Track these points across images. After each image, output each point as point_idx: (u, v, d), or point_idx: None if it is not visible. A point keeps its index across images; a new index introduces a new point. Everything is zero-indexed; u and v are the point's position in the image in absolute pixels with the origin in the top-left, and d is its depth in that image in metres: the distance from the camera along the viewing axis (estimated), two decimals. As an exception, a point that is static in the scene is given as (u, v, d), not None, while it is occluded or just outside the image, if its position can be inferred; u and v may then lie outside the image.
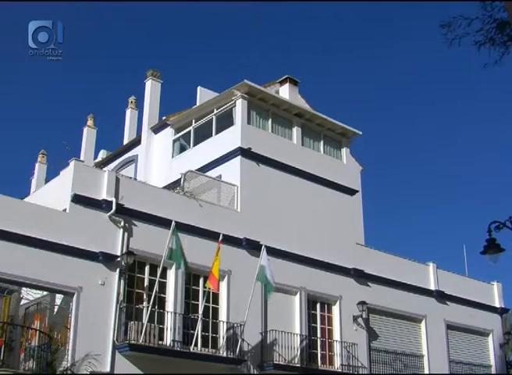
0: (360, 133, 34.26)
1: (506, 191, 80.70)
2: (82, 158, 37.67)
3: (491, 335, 38.21)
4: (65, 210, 23.95)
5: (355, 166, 35.01)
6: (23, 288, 23.90)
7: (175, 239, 24.10)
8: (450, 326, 35.84)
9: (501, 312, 39.39)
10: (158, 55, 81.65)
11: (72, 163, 24.95)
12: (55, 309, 24.05)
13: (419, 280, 34.70)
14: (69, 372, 21.55)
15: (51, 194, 25.72)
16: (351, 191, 33.28)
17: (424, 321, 34.43)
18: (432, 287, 35.30)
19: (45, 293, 23.93)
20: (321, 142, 33.12)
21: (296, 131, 32.07)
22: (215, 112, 31.52)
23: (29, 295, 24.23)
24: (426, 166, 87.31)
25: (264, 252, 26.25)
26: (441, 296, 35.48)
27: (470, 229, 78.69)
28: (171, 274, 25.26)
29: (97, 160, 40.56)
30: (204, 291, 26.09)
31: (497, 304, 39.11)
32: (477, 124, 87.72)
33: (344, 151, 33.92)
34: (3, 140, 74.43)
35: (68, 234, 23.11)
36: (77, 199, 23.93)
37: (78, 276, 22.91)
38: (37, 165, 43.14)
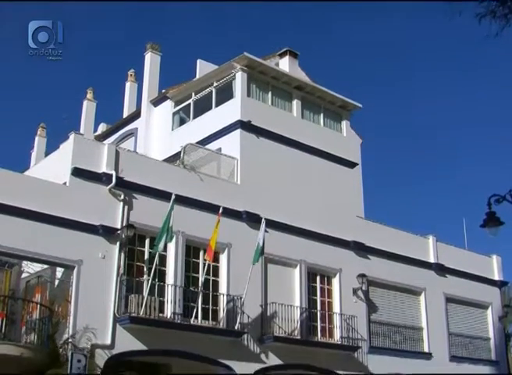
0: (361, 105, 34.20)
1: (506, 165, 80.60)
2: (82, 131, 37.68)
3: (490, 308, 38.36)
4: (65, 183, 23.93)
5: (355, 138, 34.91)
6: (24, 262, 23.91)
7: (168, 214, 23.87)
8: (450, 299, 35.94)
9: (500, 285, 39.52)
10: (158, 27, 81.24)
11: (71, 136, 24.90)
12: (56, 283, 24.09)
13: (419, 253, 34.77)
14: (69, 344, 21.62)
15: (51, 167, 25.66)
16: (351, 164, 33.25)
17: (423, 294, 34.53)
18: (432, 260, 35.38)
19: (46, 266, 23.94)
20: (321, 115, 33.06)
21: (296, 104, 31.99)
22: (215, 84, 31.43)
23: (29, 269, 24.26)
24: (426, 139, 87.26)
25: (263, 225, 26.27)
26: (440, 269, 35.56)
27: (470, 202, 78.70)
28: (171, 247, 25.26)
29: (96, 133, 40.50)
30: (204, 264, 26.15)
31: (496, 277, 39.23)
32: (477, 97, 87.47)
33: (344, 123, 33.86)
34: (2, 113, 74.28)
35: (68, 208, 23.09)
36: (77, 172, 23.90)
37: (78, 250, 22.92)
38: (36, 138, 43.10)
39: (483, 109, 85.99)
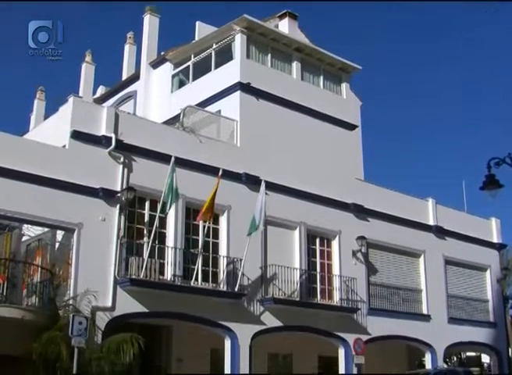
0: (360, 68, 34.05)
1: (506, 127, 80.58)
2: (81, 94, 37.59)
3: (488, 270, 38.56)
4: (64, 146, 23.86)
5: (355, 100, 34.75)
6: (24, 225, 23.98)
7: (171, 176, 23.85)
8: (449, 261, 36.08)
9: (499, 247, 39.70)
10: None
11: (70, 99, 24.83)
12: (56, 245, 24.16)
13: (418, 216, 34.83)
14: (70, 307, 21.73)
15: (51, 130, 25.60)
16: (351, 126, 33.15)
17: (422, 256, 34.67)
18: (431, 223, 35.46)
19: (46, 229, 24.01)
20: (321, 77, 32.91)
21: (295, 66, 31.83)
22: (214, 46, 31.24)
23: (30, 232, 24.34)
24: (426, 102, 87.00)
25: (263, 187, 26.28)
26: (440, 231, 35.66)
27: (469, 165, 78.85)
28: (171, 210, 25.26)
29: (95, 96, 40.35)
30: (203, 226, 26.20)
31: (495, 239, 39.40)
32: (478, 59, 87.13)
33: (344, 86, 33.72)
34: (1, 77, 73.98)
35: (68, 171, 23.05)
36: (76, 135, 23.82)
37: (78, 213, 22.94)
38: (35, 101, 42.96)
39: (484, 71, 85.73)
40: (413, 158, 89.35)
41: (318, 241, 30.33)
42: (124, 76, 38.94)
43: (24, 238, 24.92)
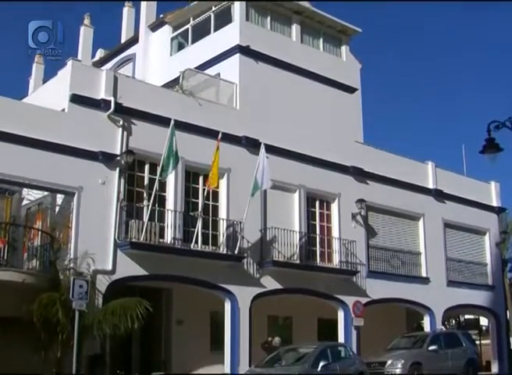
0: (360, 30, 33.83)
1: (506, 91, 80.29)
2: (79, 57, 37.25)
3: (487, 234, 38.67)
4: (63, 110, 23.82)
5: (355, 63, 34.53)
6: (24, 189, 23.98)
7: (170, 139, 23.81)
8: (448, 225, 36.15)
9: (498, 211, 39.75)
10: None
11: (69, 63, 24.66)
12: (56, 209, 24.20)
13: (418, 179, 34.83)
14: (71, 270, 21.82)
15: (50, 94, 25.56)
16: (351, 89, 33.00)
17: (422, 219, 34.74)
18: (431, 186, 35.47)
19: (46, 193, 24.05)
20: (321, 40, 32.73)
21: (295, 29, 31.63)
22: (213, 9, 31.03)
23: (30, 196, 24.35)
24: (426, 64, 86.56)
25: (262, 150, 26.25)
26: (439, 195, 35.68)
27: (469, 128, 78.74)
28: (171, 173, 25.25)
29: (94, 59, 40.09)
30: (203, 189, 26.22)
31: (494, 203, 39.44)
32: (479, 22, 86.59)
33: (344, 48, 33.54)
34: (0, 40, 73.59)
35: (67, 134, 23.03)
36: (75, 99, 23.76)
37: (78, 176, 22.97)
38: (34, 65, 42.64)
39: (486, 34, 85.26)
40: (413, 122, 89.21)
41: (317, 203, 30.38)
42: (123, 40, 38.69)
43: (24, 202, 24.93)
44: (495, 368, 37.27)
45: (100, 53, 40.90)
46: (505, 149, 17.37)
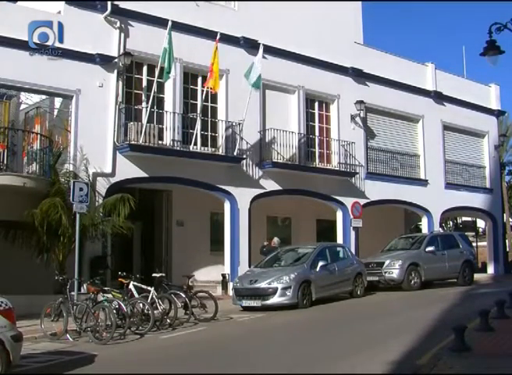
0: None
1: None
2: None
3: (486, 137, 38.73)
4: (59, 12, 23.41)
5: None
6: (22, 93, 23.84)
7: (168, 40, 23.48)
8: (447, 127, 36.18)
9: (497, 114, 39.70)
10: None
11: (63, -37, 24.16)
12: (55, 113, 24.16)
13: (417, 81, 34.61)
14: (71, 173, 21.91)
15: (45, -5, 25.09)
16: (351, -11, 32.49)
17: (421, 121, 34.73)
18: (430, 88, 35.28)
19: (44, 97, 23.92)
20: None
21: None
22: None
23: (28, 100, 24.23)
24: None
25: (261, 50, 25.97)
26: (439, 97, 35.54)
27: (470, 30, 77.74)
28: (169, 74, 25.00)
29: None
30: (202, 91, 26.08)
31: (494, 106, 39.34)
32: None
33: None
34: None
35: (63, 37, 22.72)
36: (71, 1, 23.35)
37: (76, 79, 22.84)
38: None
39: None
40: (413, 21, 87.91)
41: (316, 105, 30.29)
42: None
43: (22, 106, 24.77)
44: (490, 269, 37.91)
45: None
46: (506, 51, 17.21)
